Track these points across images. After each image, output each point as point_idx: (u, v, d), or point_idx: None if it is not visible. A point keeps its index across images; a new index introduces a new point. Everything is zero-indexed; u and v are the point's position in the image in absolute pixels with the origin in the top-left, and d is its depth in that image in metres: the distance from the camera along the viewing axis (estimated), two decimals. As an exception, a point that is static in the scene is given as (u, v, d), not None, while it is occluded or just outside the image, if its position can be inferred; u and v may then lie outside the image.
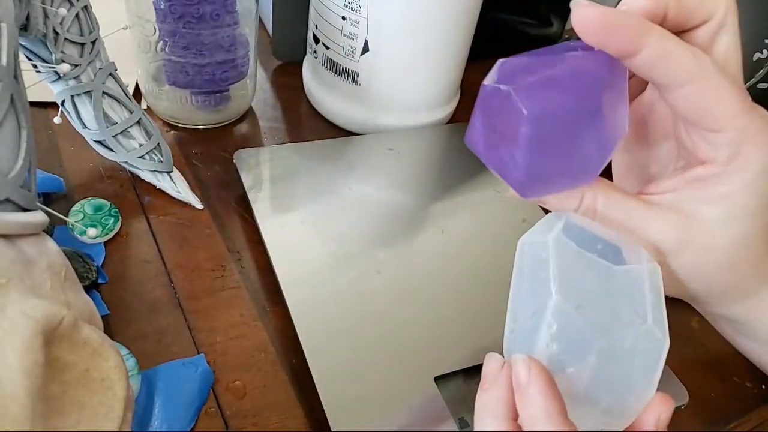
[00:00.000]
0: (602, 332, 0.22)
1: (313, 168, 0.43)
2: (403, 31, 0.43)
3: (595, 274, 0.23)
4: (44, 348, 0.20)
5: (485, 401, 0.24)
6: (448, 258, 0.38)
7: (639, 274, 0.23)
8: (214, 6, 0.40)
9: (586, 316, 0.22)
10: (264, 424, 0.30)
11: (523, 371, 0.22)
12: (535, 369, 0.22)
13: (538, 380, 0.22)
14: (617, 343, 0.22)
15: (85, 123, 0.38)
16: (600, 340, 0.22)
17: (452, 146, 0.48)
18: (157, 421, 0.29)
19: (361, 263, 0.37)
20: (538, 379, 0.22)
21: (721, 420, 0.35)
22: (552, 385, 0.22)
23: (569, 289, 0.22)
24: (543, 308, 0.22)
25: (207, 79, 0.43)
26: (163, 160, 0.40)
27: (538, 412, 0.21)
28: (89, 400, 0.22)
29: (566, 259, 0.23)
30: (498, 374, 0.24)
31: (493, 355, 0.25)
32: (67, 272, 0.26)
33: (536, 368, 0.22)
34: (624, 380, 0.22)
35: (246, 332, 0.34)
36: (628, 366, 0.22)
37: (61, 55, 0.35)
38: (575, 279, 0.22)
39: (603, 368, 0.22)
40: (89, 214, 0.38)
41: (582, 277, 0.23)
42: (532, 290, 0.23)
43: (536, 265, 0.23)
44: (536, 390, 0.21)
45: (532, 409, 0.22)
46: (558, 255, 0.23)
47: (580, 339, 0.22)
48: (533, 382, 0.22)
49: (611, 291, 0.23)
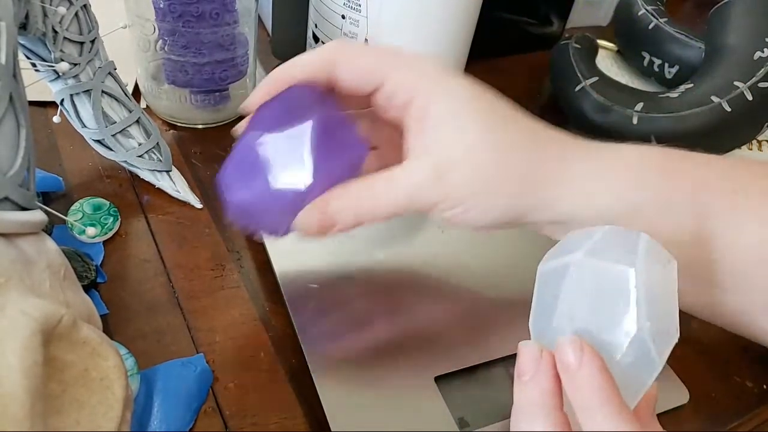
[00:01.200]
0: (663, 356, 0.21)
1: (313, 167, 0.43)
2: (402, 30, 0.43)
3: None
4: (43, 347, 0.20)
5: (530, 396, 0.21)
6: (448, 258, 0.38)
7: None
8: (213, 5, 0.39)
9: (655, 338, 0.21)
10: (263, 424, 0.30)
11: (574, 353, 0.20)
12: (587, 350, 0.20)
13: (592, 362, 0.20)
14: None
15: (84, 122, 0.38)
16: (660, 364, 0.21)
17: (452, 146, 0.48)
18: (156, 420, 0.29)
19: (361, 263, 0.37)
20: (592, 361, 0.20)
21: (722, 420, 0.34)
22: (605, 369, 0.20)
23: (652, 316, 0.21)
24: (618, 335, 0.21)
25: (206, 78, 0.43)
26: (163, 160, 0.40)
27: (594, 395, 0.20)
28: (88, 399, 0.22)
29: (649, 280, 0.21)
30: (538, 363, 0.22)
31: (528, 343, 0.23)
32: (66, 271, 0.26)
33: (588, 349, 0.20)
34: None
35: (245, 332, 0.34)
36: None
37: (60, 54, 0.35)
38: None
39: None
40: (88, 213, 0.37)
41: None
42: (600, 307, 0.22)
43: (607, 286, 0.22)
44: (590, 371, 0.20)
45: (587, 392, 0.20)
46: (641, 279, 0.21)
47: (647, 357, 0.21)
48: (586, 363, 0.20)
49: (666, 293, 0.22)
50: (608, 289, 0.21)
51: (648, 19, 0.57)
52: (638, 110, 0.46)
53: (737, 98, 0.45)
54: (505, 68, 0.62)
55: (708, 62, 0.49)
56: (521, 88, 0.59)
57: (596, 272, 0.22)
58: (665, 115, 0.45)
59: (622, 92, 0.48)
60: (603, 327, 0.21)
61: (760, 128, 0.47)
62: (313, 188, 0.26)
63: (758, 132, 0.47)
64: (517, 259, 0.39)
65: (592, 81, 0.50)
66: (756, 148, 0.53)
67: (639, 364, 0.21)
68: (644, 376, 0.21)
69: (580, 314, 0.22)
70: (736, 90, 0.45)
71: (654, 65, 0.57)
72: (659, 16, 0.57)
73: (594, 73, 0.50)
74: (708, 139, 0.46)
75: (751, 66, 0.46)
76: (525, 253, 0.40)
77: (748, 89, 0.44)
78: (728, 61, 0.47)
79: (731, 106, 0.44)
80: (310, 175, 0.26)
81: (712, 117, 0.45)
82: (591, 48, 0.55)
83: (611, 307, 0.21)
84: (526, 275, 0.38)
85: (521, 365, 0.22)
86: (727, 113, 0.44)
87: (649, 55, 0.58)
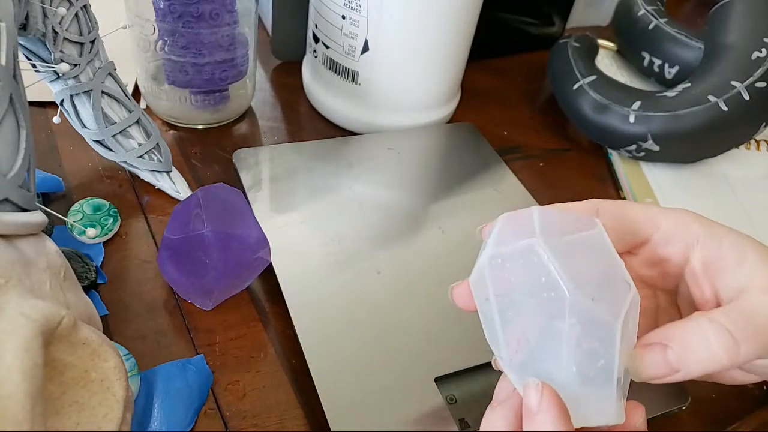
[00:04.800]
0: (616, 313, 0.21)
1: (313, 168, 0.43)
2: (403, 30, 0.43)
3: (586, 252, 0.22)
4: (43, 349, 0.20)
5: (491, 419, 0.23)
6: (448, 258, 0.38)
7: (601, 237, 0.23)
8: (213, 5, 0.39)
9: (600, 303, 0.21)
10: (264, 424, 0.30)
11: (535, 396, 0.21)
12: (547, 395, 0.21)
13: (550, 408, 0.21)
14: (630, 317, 0.22)
15: (84, 122, 0.38)
16: (617, 322, 0.21)
17: (452, 146, 0.48)
18: (157, 421, 0.29)
19: (361, 263, 0.37)
20: (550, 407, 0.21)
21: (722, 421, 0.34)
22: (564, 416, 0.21)
23: (579, 282, 0.21)
24: (560, 313, 0.21)
25: (206, 79, 0.43)
26: (162, 160, 0.40)
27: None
28: (88, 400, 0.22)
29: (560, 252, 0.22)
30: (510, 395, 0.23)
31: (505, 378, 0.24)
32: (66, 272, 0.26)
33: (549, 395, 0.21)
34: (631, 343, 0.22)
35: (246, 332, 0.34)
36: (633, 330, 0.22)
37: (60, 55, 0.35)
38: (576, 268, 0.22)
39: (625, 345, 0.22)
40: (88, 214, 0.37)
41: (578, 263, 0.22)
42: (534, 301, 0.22)
43: (531, 274, 0.22)
44: (546, 418, 0.21)
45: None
46: (553, 252, 0.22)
47: (603, 328, 0.21)
48: (544, 409, 0.21)
49: (600, 263, 0.22)
50: (528, 272, 0.22)
51: (648, 19, 0.57)
52: (635, 109, 0.46)
53: (734, 98, 0.45)
54: (506, 68, 0.62)
55: (706, 61, 0.49)
56: (521, 88, 0.59)
57: (509, 259, 0.23)
58: (662, 114, 0.45)
59: (619, 91, 0.48)
60: (538, 309, 0.22)
61: (757, 128, 0.47)
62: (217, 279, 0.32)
63: (756, 132, 0.47)
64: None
65: (590, 79, 0.50)
66: (754, 147, 0.53)
67: (589, 331, 0.21)
68: (603, 345, 0.21)
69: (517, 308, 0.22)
70: (734, 89, 0.45)
71: (654, 65, 0.57)
72: (659, 16, 0.57)
73: (592, 72, 0.50)
74: (705, 139, 0.46)
75: (748, 66, 0.46)
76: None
77: (746, 89, 0.44)
78: (726, 60, 0.47)
79: (728, 106, 0.44)
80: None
81: (709, 116, 0.45)
82: (590, 47, 0.55)
83: (538, 289, 0.22)
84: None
85: (496, 392, 0.24)
86: (724, 113, 0.44)
87: (648, 55, 0.58)
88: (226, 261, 0.32)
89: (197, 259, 0.32)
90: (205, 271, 0.32)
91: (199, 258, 0.32)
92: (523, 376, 0.22)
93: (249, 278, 0.34)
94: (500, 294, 0.23)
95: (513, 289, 0.23)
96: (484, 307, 0.24)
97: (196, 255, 0.32)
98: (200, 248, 0.31)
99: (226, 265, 0.32)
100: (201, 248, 0.31)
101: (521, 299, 0.22)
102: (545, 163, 0.51)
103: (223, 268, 0.32)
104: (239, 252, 0.32)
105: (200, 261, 0.32)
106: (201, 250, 0.31)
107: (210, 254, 0.31)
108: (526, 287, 0.22)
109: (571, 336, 0.21)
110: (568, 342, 0.21)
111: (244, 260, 0.33)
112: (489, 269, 0.23)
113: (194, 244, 0.32)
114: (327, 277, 0.36)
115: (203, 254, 0.32)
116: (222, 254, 0.31)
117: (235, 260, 0.32)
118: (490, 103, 0.56)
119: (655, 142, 0.46)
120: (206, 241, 0.31)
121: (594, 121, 0.49)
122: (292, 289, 0.34)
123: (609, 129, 0.48)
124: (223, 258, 0.32)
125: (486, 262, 0.23)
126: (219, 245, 0.31)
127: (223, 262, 0.32)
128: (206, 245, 0.31)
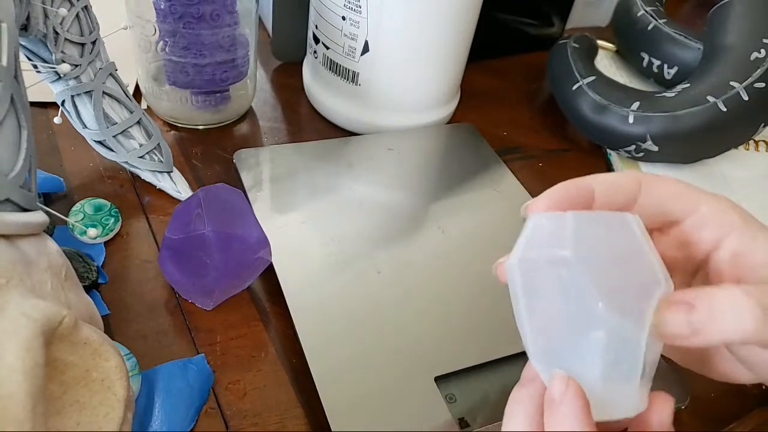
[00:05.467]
0: (643, 322, 0.21)
1: (313, 168, 0.43)
2: (403, 31, 0.43)
3: (617, 260, 0.22)
4: (44, 348, 0.20)
5: (517, 396, 0.23)
6: (448, 258, 0.38)
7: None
8: (214, 6, 0.40)
9: (627, 317, 0.21)
10: (264, 424, 0.30)
11: (559, 387, 0.21)
12: (572, 388, 0.21)
13: (573, 401, 0.20)
14: (649, 317, 0.22)
15: (85, 123, 0.38)
16: (642, 332, 0.21)
17: (452, 146, 0.48)
18: (158, 421, 0.29)
19: (361, 263, 0.37)
20: (574, 401, 0.21)
21: (721, 420, 0.34)
22: (587, 410, 0.20)
23: (608, 293, 0.21)
24: (587, 324, 0.21)
25: (207, 79, 0.43)
26: (163, 160, 0.40)
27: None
28: (89, 400, 0.22)
29: (591, 265, 0.22)
30: (536, 375, 0.23)
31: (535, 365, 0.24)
32: (68, 272, 0.26)
33: (573, 388, 0.21)
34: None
35: (246, 332, 0.34)
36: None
37: (62, 55, 0.35)
38: (606, 280, 0.22)
39: (650, 344, 0.22)
40: (89, 214, 0.37)
41: (609, 273, 0.22)
42: (561, 308, 0.22)
43: (560, 284, 0.22)
44: (568, 410, 0.20)
45: (560, 427, 0.20)
46: (584, 266, 0.22)
47: (631, 341, 0.21)
48: (567, 401, 0.21)
49: (632, 269, 0.22)
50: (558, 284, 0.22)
51: (647, 19, 0.57)
52: (634, 109, 0.46)
53: (733, 98, 0.45)
54: (505, 69, 0.62)
55: (705, 62, 0.49)
56: (521, 89, 0.59)
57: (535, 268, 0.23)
58: (661, 114, 0.46)
59: (618, 91, 0.48)
60: (573, 319, 0.22)
61: (756, 128, 0.47)
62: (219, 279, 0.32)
63: (755, 132, 0.47)
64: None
65: (589, 80, 0.50)
66: (753, 148, 0.53)
67: (615, 343, 0.21)
68: (628, 353, 0.21)
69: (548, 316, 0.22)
70: (732, 90, 0.45)
71: (653, 66, 0.57)
72: (658, 17, 0.57)
73: (591, 72, 0.50)
74: (704, 139, 0.46)
75: (747, 66, 0.46)
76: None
77: (744, 89, 0.45)
78: (725, 61, 0.47)
79: (727, 106, 0.44)
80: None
81: (707, 117, 0.45)
82: (589, 48, 0.55)
83: (575, 302, 0.22)
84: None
85: (524, 373, 0.24)
86: (723, 113, 0.44)
87: (648, 55, 0.58)
88: (227, 261, 0.32)
89: (198, 259, 0.32)
90: (206, 271, 0.32)
91: (200, 258, 0.32)
92: (548, 367, 0.23)
93: (250, 278, 0.34)
94: (529, 295, 0.23)
95: (542, 295, 0.23)
96: (514, 299, 0.24)
97: (197, 255, 0.32)
98: (201, 248, 0.32)
99: (227, 265, 0.32)
100: (202, 248, 0.32)
101: (549, 306, 0.22)
102: (545, 163, 0.51)
103: (224, 268, 0.32)
104: (240, 252, 0.32)
105: (201, 261, 0.32)
106: (202, 250, 0.32)
107: (211, 254, 0.31)
108: (555, 296, 0.22)
109: (597, 346, 0.21)
110: (594, 351, 0.21)
111: (245, 260, 0.33)
112: (518, 270, 0.23)
113: (195, 244, 0.32)
114: (327, 277, 0.36)
115: (204, 254, 0.32)
116: (223, 254, 0.32)
117: (235, 260, 0.32)
118: (489, 104, 0.56)
119: (654, 142, 0.46)
120: (207, 241, 0.31)
121: (593, 122, 0.49)
122: (292, 289, 0.34)
123: (608, 129, 0.48)
124: (224, 258, 0.32)
125: (515, 264, 0.23)
126: (220, 245, 0.31)
127: (223, 262, 0.32)
128: (207, 245, 0.31)
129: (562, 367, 0.22)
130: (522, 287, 0.23)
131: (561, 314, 0.22)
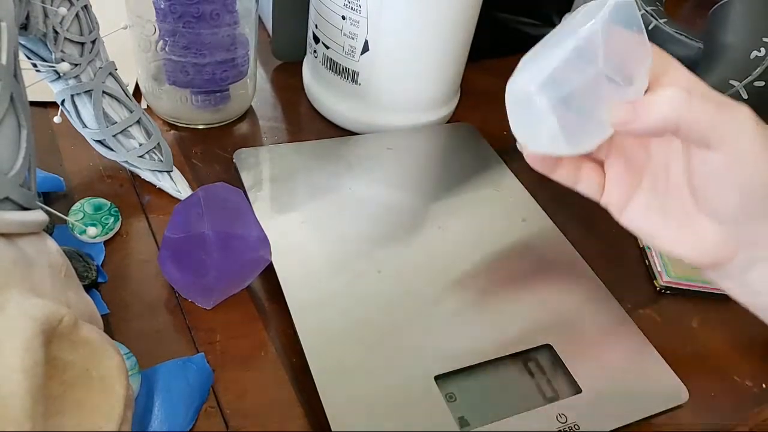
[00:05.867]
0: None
1: (313, 168, 0.43)
2: (403, 30, 0.43)
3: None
4: (44, 347, 0.20)
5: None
6: (448, 257, 0.38)
7: None
8: (214, 5, 0.40)
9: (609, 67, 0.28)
10: (264, 423, 0.30)
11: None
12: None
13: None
14: None
15: (85, 122, 0.38)
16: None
17: (452, 146, 0.48)
18: (157, 420, 0.29)
19: (361, 263, 0.37)
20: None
21: (721, 419, 0.35)
22: None
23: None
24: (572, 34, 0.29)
25: (207, 79, 0.43)
26: (163, 160, 0.40)
27: None
28: (89, 399, 0.22)
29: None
30: None
31: None
32: (67, 271, 0.26)
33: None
34: None
35: (246, 332, 0.34)
36: None
37: (61, 55, 0.35)
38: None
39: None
40: (89, 213, 0.37)
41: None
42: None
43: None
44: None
45: None
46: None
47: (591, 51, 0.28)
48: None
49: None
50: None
51: (647, 19, 0.57)
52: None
53: (733, 97, 0.44)
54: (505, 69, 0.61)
55: (705, 61, 0.49)
56: (521, 89, 0.59)
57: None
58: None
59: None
60: None
61: (757, 128, 0.47)
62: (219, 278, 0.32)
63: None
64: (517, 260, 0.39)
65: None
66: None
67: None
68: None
69: None
70: (732, 89, 0.45)
71: (653, 65, 0.57)
72: (658, 16, 0.57)
73: (592, 73, 0.50)
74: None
75: (747, 65, 0.46)
76: (525, 254, 0.40)
77: (744, 88, 0.45)
78: (725, 59, 0.47)
79: (727, 106, 0.45)
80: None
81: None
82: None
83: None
84: (526, 275, 0.38)
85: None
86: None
87: (648, 55, 0.57)
88: (227, 260, 0.32)
89: (198, 258, 0.32)
90: (206, 270, 0.32)
91: (200, 257, 0.32)
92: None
93: (249, 277, 0.34)
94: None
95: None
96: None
97: (196, 254, 0.32)
98: (201, 247, 0.32)
99: (227, 265, 0.32)
100: (202, 247, 0.32)
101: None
102: (545, 163, 0.51)
103: (224, 267, 0.32)
104: (240, 251, 0.32)
105: (201, 260, 0.32)
106: (202, 250, 0.32)
107: (211, 253, 0.31)
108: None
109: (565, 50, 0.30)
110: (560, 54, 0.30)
111: (245, 259, 0.33)
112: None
113: (195, 243, 0.32)
114: (327, 277, 0.36)
115: (204, 253, 0.32)
116: (223, 253, 0.32)
117: (235, 259, 0.32)
118: (489, 104, 0.56)
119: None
120: (207, 240, 0.31)
121: (593, 121, 0.49)
122: (292, 288, 0.34)
123: (608, 129, 0.48)
124: (224, 257, 0.32)
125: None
126: (220, 244, 0.31)
127: (223, 261, 0.32)
128: (207, 244, 0.31)
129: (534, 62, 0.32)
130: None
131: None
